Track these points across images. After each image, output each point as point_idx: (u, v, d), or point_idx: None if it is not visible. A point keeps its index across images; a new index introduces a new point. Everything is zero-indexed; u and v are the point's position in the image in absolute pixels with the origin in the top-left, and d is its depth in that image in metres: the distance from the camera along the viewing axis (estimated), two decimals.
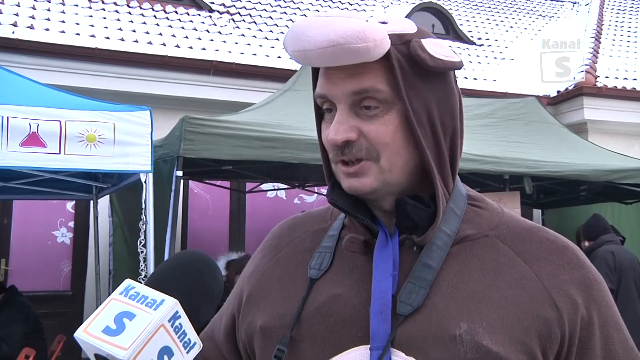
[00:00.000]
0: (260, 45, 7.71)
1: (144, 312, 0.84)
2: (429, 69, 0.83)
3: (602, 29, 10.24)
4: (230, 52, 7.31)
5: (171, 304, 0.86)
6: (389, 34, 0.81)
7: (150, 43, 6.95)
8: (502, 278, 0.83)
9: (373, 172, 0.84)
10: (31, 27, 6.48)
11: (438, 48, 0.84)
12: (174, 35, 7.33)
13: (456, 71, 0.89)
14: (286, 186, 6.72)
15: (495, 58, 9.65)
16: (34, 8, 6.95)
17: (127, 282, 0.90)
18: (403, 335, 0.80)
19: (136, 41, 6.90)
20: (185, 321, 0.87)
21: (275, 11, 9.02)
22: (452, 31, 10.11)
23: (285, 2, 9.45)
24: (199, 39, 7.47)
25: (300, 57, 0.82)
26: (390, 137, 0.83)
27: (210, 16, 8.27)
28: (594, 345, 0.82)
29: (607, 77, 8.50)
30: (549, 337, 0.80)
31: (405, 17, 9.88)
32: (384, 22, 0.84)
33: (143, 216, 3.53)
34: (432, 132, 0.85)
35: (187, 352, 0.87)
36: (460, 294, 0.82)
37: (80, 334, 0.83)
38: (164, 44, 7.01)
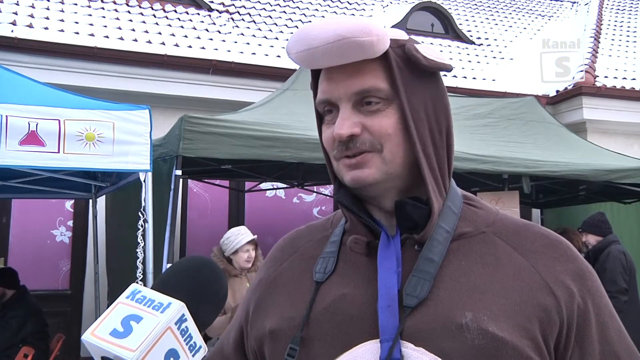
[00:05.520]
0: (260, 45, 7.70)
1: (151, 315, 0.85)
2: (423, 68, 0.88)
3: (601, 29, 10.24)
4: (229, 51, 7.31)
5: (178, 307, 0.86)
6: None
7: (149, 42, 6.95)
8: (501, 271, 0.87)
9: (375, 163, 0.88)
10: (30, 26, 6.47)
11: (430, 51, 0.90)
12: (173, 34, 7.32)
13: (454, 71, 0.92)
14: (285, 185, 6.71)
15: (494, 58, 9.64)
16: (33, 7, 6.94)
17: (133, 286, 0.90)
18: (411, 327, 0.83)
19: (135, 40, 6.89)
20: (191, 324, 0.88)
21: (274, 10, 9.02)
22: (451, 31, 10.10)
23: (284, 1, 9.44)
24: (198, 38, 7.46)
25: (306, 56, 0.86)
26: (392, 128, 0.87)
27: (210, 15, 8.26)
28: (591, 331, 0.86)
29: (606, 76, 8.49)
30: (548, 323, 0.83)
31: (405, 16, 9.88)
32: None
33: (142, 215, 3.52)
34: (429, 129, 0.90)
35: (193, 356, 0.87)
36: (463, 287, 0.85)
37: (87, 337, 0.83)
38: (163, 43, 7.00)
